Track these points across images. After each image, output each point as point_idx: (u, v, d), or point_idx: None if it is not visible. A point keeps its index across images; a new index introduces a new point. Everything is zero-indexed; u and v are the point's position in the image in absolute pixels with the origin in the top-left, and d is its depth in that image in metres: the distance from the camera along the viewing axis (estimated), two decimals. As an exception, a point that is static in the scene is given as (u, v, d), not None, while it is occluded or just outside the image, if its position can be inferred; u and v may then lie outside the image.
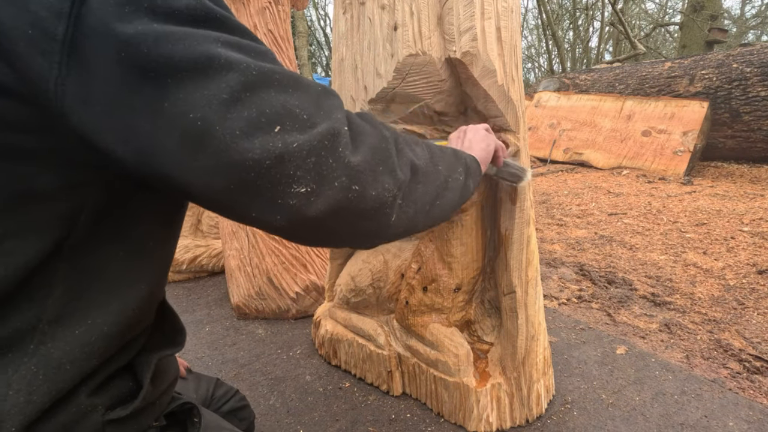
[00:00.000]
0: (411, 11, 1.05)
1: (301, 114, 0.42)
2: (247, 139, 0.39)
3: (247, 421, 0.99)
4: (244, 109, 0.39)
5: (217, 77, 0.38)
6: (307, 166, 0.42)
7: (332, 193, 0.44)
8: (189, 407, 0.65)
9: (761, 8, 17.65)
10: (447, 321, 1.35)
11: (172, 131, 0.38)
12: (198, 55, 0.37)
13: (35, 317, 0.42)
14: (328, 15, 23.54)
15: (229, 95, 0.38)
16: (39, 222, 0.41)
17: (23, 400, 0.41)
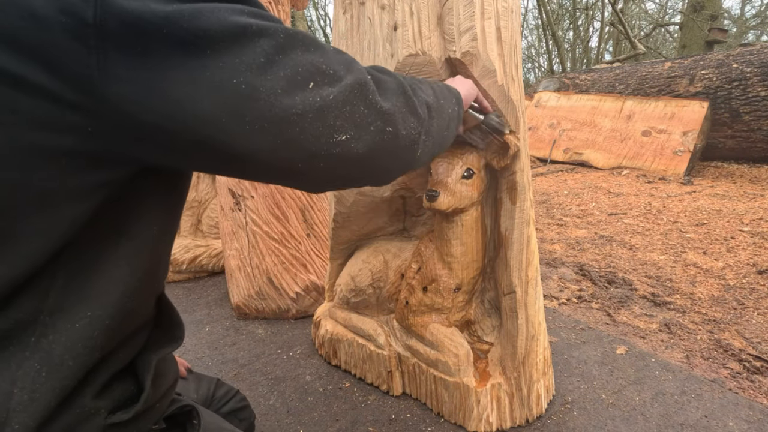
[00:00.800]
0: (411, 11, 1.05)
1: (328, 69, 0.46)
2: (288, 96, 0.42)
3: (247, 422, 1.00)
4: (280, 69, 0.42)
5: (251, 44, 0.41)
6: (344, 115, 0.46)
7: (370, 137, 0.49)
8: (188, 409, 0.65)
9: (761, 8, 17.65)
10: (447, 321, 1.35)
11: (218, 98, 0.40)
12: (233, 26, 0.40)
13: (36, 309, 0.42)
14: (328, 15, 23.54)
15: (265, 59, 0.41)
16: (53, 221, 0.41)
17: (27, 398, 0.41)
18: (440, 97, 0.68)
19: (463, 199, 1.19)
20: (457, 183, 1.18)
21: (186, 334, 1.88)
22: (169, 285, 2.47)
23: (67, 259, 0.44)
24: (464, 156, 1.18)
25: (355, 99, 0.47)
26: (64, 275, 0.44)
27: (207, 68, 0.39)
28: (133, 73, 0.37)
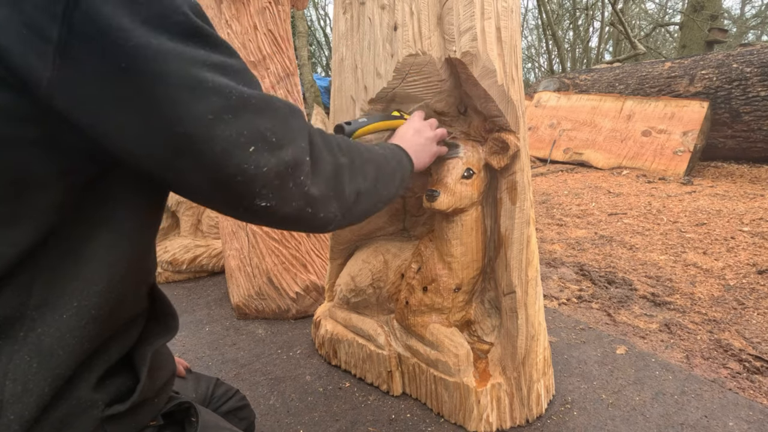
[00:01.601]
0: (411, 11, 1.05)
1: (272, 137, 0.48)
2: (226, 155, 0.44)
3: (247, 421, 0.99)
4: (226, 129, 0.44)
5: (204, 99, 0.43)
6: (271, 186, 0.49)
7: (288, 210, 0.52)
8: (186, 406, 0.65)
9: (761, 8, 17.65)
10: (447, 321, 1.35)
11: (158, 138, 0.42)
12: (189, 78, 0.42)
13: (22, 303, 0.43)
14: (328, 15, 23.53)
15: (213, 116, 0.43)
16: (32, 209, 0.42)
17: (20, 389, 0.42)
18: (380, 180, 0.70)
19: (463, 199, 1.19)
20: (457, 183, 1.18)
21: (186, 334, 1.88)
22: (169, 285, 2.47)
23: (47, 252, 0.45)
24: (464, 156, 1.18)
25: (287, 176, 0.50)
26: (45, 268, 0.45)
27: (157, 109, 0.41)
28: (85, 95, 0.39)
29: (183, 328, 1.94)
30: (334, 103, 1.32)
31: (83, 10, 0.37)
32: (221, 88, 0.44)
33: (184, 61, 0.41)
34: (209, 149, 0.43)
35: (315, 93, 11.41)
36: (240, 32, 1.80)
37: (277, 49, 1.88)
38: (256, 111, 0.47)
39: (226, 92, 0.44)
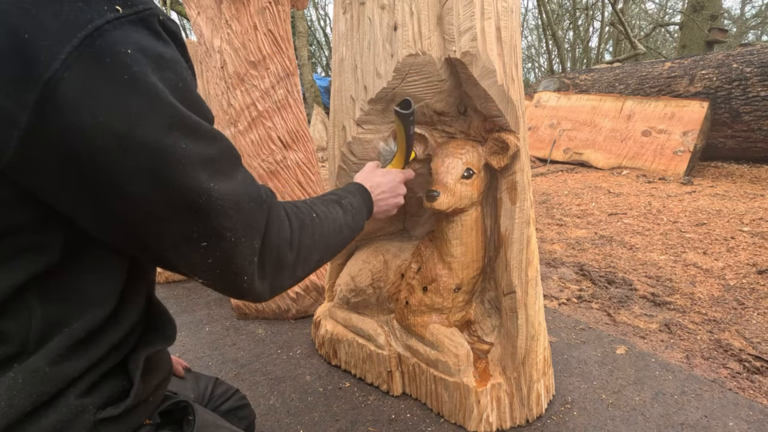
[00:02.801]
0: (411, 11, 1.05)
1: (230, 237, 0.49)
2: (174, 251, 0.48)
3: (247, 420, 1.00)
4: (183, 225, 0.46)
5: (208, 215, 0.46)
6: (213, 276, 0.51)
7: (226, 292, 0.55)
8: (184, 405, 0.65)
9: (761, 8, 17.64)
10: (447, 321, 1.35)
11: (108, 226, 0.44)
12: (189, 187, 0.43)
13: (23, 341, 0.44)
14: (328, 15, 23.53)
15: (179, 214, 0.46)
16: (22, 251, 0.43)
17: (5, 404, 0.42)
18: (327, 252, 0.71)
19: (463, 199, 1.19)
20: (457, 183, 1.18)
21: (186, 334, 1.88)
22: (169, 285, 2.47)
23: (43, 290, 0.45)
24: (464, 156, 1.18)
25: (231, 275, 0.52)
26: (41, 306, 0.45)
27: (114, 203, 0.42)
28: (46, 178, 0.40)
29: (183, 328, 1.94)
30: (334, 103, 1.32)
31: (59, 104, 0.36)
32: (194, 190, 0.44)
33: (161, 160, 0.41)
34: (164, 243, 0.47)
35: (315, 93, 11.40)
36: (240, 32, 1.80)
37: (277, 49, 1.88)
38: (222, 214, 0.47)
39: (199, 194, 0.44)
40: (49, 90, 0.35)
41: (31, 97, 0.35)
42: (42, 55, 0.35)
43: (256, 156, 1.89)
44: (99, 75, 0.36)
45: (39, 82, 0.35)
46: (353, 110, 1.22)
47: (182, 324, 1.97)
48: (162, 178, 0.41)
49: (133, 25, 0.38)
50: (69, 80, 0.36)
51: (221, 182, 0.47)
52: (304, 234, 0.62)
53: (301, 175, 1.96)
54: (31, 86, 0.35)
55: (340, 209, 0.76)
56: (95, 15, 0.36)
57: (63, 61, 0.35)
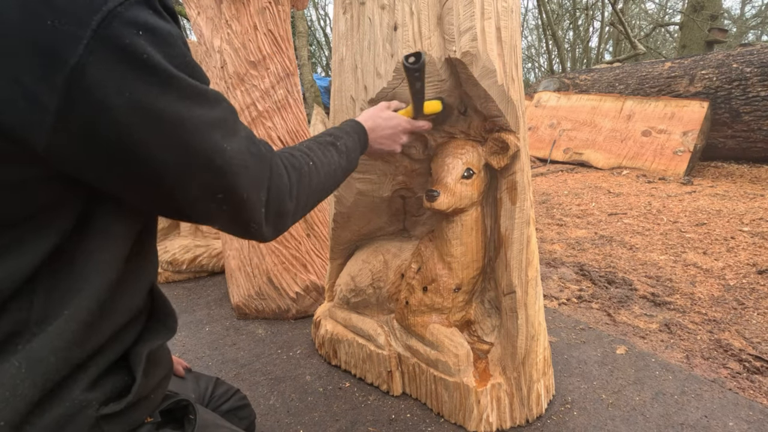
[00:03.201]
0: (411, 11, 1.05)
1: (241, 191, 0.54)
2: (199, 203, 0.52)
3: (247, 420, 1.00)
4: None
5: (240, 175, 0.52)
6: (227, 224, 0.58)
7: (237, 235, 0.61)
8: (185, 404, 0.65)
9: (761, 8, 17.64)
10: (447, 321, 1.35)
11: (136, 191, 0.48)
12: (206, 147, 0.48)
13: (24, 321, 0.45)
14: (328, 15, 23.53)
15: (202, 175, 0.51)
16: (37, 234, 0.44)
17: (9, 394, 0.42)
18: (324, 191, 0.76)
19: (463, 199, 1.19)
20: (457, 183, 1.18)
21: (186, 334, 1.88)
22: (169, 285, 2.47)
23: (46, 269, 0.46)
24: (464, 156, 1.18)
25: (242, 224, 0.58)
26: (43, 287, 0.46)
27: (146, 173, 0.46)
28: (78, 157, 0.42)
29: (183, 328, 1.94)
30: (334, 103, 1.32)
31: (86, 84, 0.38)
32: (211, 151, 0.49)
33: (182, 129, 0.45)
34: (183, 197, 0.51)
35: (315, 93, 11.40)
36: (240, 32, 1.80)
37: (277, 49, 1.88)
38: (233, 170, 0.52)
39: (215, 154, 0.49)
40: (77, 73, 0.38)
41: (59, 79, 0.37)
42: (66, 40, 0.37)
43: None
44: (119, 58, 0.39)
45: (66, 65, 0.37)
46: (353, 110, 1.22)
47: (182, 324, 1.97)
48: (184, 144, 0.46)
49: (140, 6, 0.41)
50: (94, 63, 0.38)
51: (231, 141, 0.51)
52: (302, 183, 0.67)
53: (301, 175, 1.96)
54: (60, 69, 0.37)
55: (335, 152, 0.79)
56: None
57: (86, 46, 0.37)
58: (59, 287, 0.47)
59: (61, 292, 0.47)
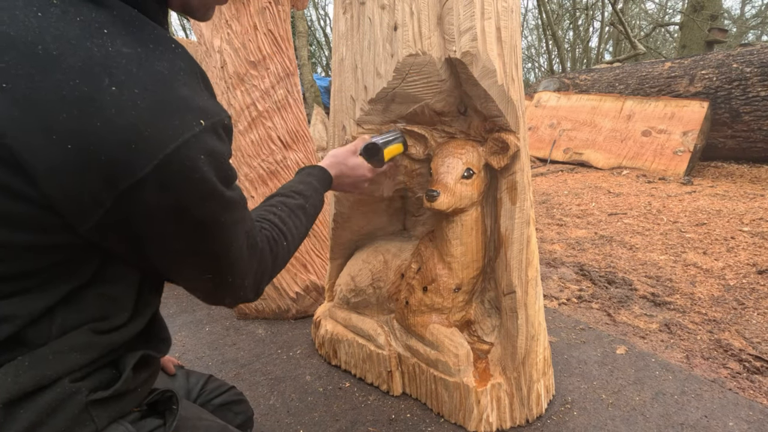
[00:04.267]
0: (411, 11, 1.05)
1: (230, 278, 0.63)
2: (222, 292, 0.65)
3: (243, 416, 0.99)
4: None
5: (237, 266, 0.62)
6: (210, 297, 0.66)
7: (217, 304, 0.69)
8: (169, 395, 0.68)
9: (761, 8, 17.64)
10: (447, 321, 1.35)
11: (152, 264, 0.56)
12: (227, 242, 0.57)
13: (40, 339, 0.51)
14: (328, 15, 23.53)
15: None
16: (60, 281, 0.52)
17: (11, 380, 0.48)
18: (291, 246, 0.82)
19: (463, 199, 1.19)
20: (457, 183, 1.18)
21: (186, 334, 1.88)
22: (169, 285, 2.47)
23: (65, 302, 0.52)
24: (464, 156, 1.19)
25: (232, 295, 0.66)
26: (60, 314, 0.52)
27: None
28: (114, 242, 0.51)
29: (183, 328, 1.94)
30: (334, 103, 1.32)
31: (142, 192, 0.45)
32: (225, 245, 0.58)
33: (211, 231, 0.55)
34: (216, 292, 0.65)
35: (315, 93, 11.40)
36: (240, 32, 1.80)
37: (277, 49, 1.88)
38: (231, 260, 0.61)
39: (226, 248, 0.59)
40: (139, 185, 0.45)
41: (122, 184, 0.44)
42: (140, 159, 0.44)
43: (256, 156, 1.89)
44: (180, 176, 0.47)
45: (133, 178, 0.44)
46: (353, 110, 1.22)
47: (182, 324, 1.98)
48: (210, 239, 0.55)
49: (207, 133, 0.49)
50: (155, 180, 0.45)
51: (237, 239, 0.60)
52: (278, 258, 0.75)
53: (301, 175, 1.96)
54: (125, 180, 0.44)
55: (304, 217, 0.87)
56: (186, 129, 0.46)
57: (156, 165, 0.44)
58: (72, 317, 0.53)
59: (73, 321, 0.53)
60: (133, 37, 0.46)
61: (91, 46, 0.42)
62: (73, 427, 0.52)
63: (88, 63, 0.42)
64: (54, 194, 0.43)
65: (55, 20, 0.42)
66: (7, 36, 0.40)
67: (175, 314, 2.08)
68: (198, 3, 0.60)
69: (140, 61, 0.45)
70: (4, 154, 0.41)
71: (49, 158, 0.41)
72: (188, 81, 0.49)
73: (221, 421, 0.75)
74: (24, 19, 0.41)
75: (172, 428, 0.63)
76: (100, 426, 0.54)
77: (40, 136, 0.41)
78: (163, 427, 0.63)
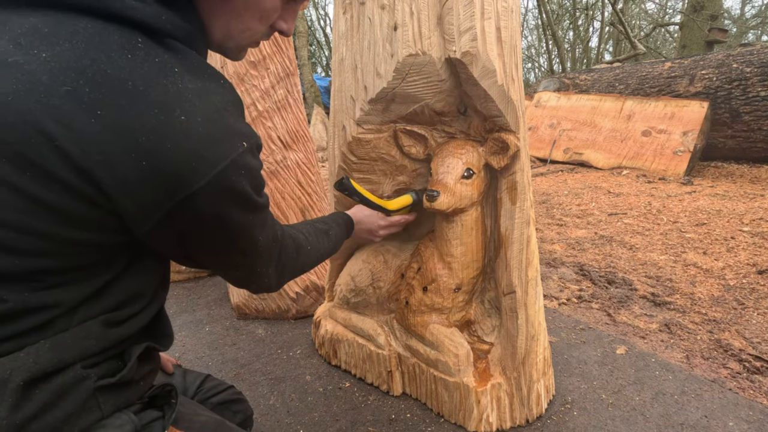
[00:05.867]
0: (411, 11, 1.05)
1: (258, 267, 0.74)
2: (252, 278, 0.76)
3: (242, 415, 1.00)
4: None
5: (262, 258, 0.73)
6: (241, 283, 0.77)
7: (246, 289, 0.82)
8: (169, 389, 0.71)
9: (761, 8, 17.65)
10: (447, 321, 1.35)
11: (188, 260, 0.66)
12: (247, 241, 0.67)
13: (64, 327, 0.56)
14: (328, 15, 23.53)
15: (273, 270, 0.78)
16: (93, 277, 0.58)
17: (32, 360, 0.52)
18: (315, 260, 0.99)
19: (463, 199, 1.19)
20: (457, 183, 1.18)
21: (186, 334, 1.88)
22: (169, 285, 2.47)
23: (92, 296, 0.58)
24: (464, 156, 1.19)
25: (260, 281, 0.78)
26: (86, 305, 0.57)
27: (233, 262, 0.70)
28: (165, 247, 0.61)
29: (183, 328, 1.94)
30: (334, 103, 1.32)
31: (195, 201, 0.54)
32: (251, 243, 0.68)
33: (243, 232, 0.64)
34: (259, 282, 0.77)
35: (315, 93, 11.40)
36: (240, 32, 1.80)
37: (277, 49, 1.88)
38: (267, 259, 0.74)
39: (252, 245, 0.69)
40: (194, 195, 0.53)
41: (180, 196, 0.53)
42: (197, 175, 0.53)
43: (256, 156, 1.89)
44: (224, 188, 0.56)
45: (191, 189, 0.53)
46: (353, 110, 1.22)
47: (182, 324, 1.98)
48: (239, 238, 0.65)
49: (247, 153, 0.58)
50: (207, 190, 0.54)
51: (263, 235, 0.69)
52: (301, 255, 0.88)
53: (301, 175, 1.96)
54: (184, 190, 0.53)
55: (327, 240, 1.03)
56: (233, 151, 0.56)
57: (208, 181, 0.54)
58: (96, 308, 0.58)
59: (95, 311, 0.58)
60: (194, 75, 0.56)
61: (166, 83, 0.52)
62: (81, 412, 0.56)
63: (164, 97, 0.51)
64: (123, 203, 0.51)
65: (140, 61, 0.51)
66: (105, 73, 0.49)
67: (175, 314, 2.07)
68: (233, 46, 0.69)
69: (200, 95, 0.54)
70: (88, 173, 0.49)
71: (125, 175, 0.50)
72: (234, 111, 0.59)
73: (218, 416, 0.76)
74: (118, 60, 0.50)
75: (171, 420, 0.66)
76: (106, 413, 0.59)
77: (122, 156, 0.49)
78: (162, 419, 0.66)
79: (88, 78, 0.48)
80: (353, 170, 1.31)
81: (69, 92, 0.48)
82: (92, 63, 0.49)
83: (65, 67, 0.48)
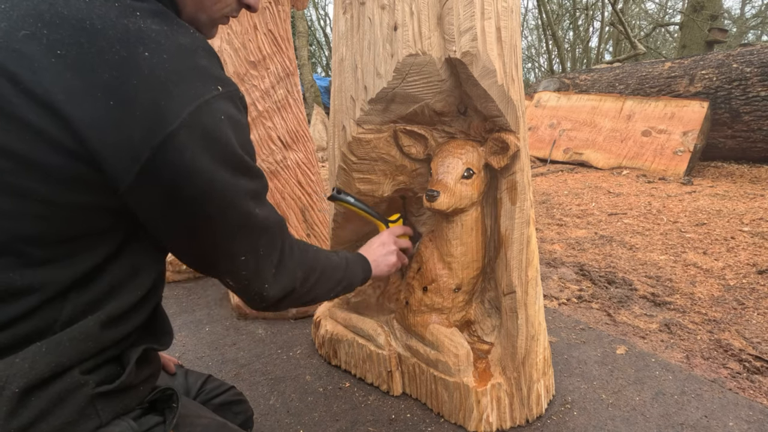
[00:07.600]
0: (411, 11, 1.05)
1: (260, 250, 0.68)
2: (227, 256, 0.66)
3: (243, 416, 1.00)
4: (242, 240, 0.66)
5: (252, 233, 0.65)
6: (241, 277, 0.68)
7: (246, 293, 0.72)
8: (170, 393, 0.69)
9: (761, 8, 17.65)
10: (447, 321, 1.35)
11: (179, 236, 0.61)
12: (243, 211, 0.61)
13: (53, 320, 0.54)
14: (328, 15, 23.54)
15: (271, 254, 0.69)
16: (81, 255, 0.56)
17: (27, 366, 0.50)
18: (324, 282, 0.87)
19: (463, 199, 1.19)
20: (457, 183, 1.18)
21: (186, 334, 1.88)
22: (169, 285, 2.47)
23: (80, 282, 0.56)
24: (464, 156, 1.19)
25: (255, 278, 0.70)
26: (75, 295, 0.56)
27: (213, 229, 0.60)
28: (150, 203, 0.55)
29: (183, 328, 1.94)
30: (334, 103, 1.32)
31: (173, 146, 0.51)
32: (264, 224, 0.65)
33: (239, 194, 0.59)
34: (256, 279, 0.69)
35: (315, 93, 11.40)
36: (240, 32, 1.80)
37: (277, 49, 1.88)
38: (269, 234, 0.68)
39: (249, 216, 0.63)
40: (170, 137, 0.50)
41: (156, 140, 0.50)
42: (169, 114, 0.50)
43: (256, 156, 1.89)
44: (203, 132, 0.53)
45: (165, 131, 0.50)
46: (353, 110, 1.22)
47: (182, 324, 1.98)
48: (229, 204, 0.59)
49: (225, 99, 0.55)
50: (184, 132, 0.51)
51: (260, 209, 0.64)
52: (305, 260, 0.79)
53: (301, 175, 1.96)
54: (158, 133, 0.50)
55: (337, 271, 0.92)
56: (206, 91, 0.53)
57: (183, 120, 0.51)
58: (85, 300, 0.56)
59: (87, 305, 0.56)
60: (160, 19, 0.54)
61: (127, 23, 0.51)
62: (78, 419, 0.54)
63: (126, 34, 0.50)
64: (97, 148, 0.49)
65: (99, 5, 0.51)
66: (62, 15, 0.49)
67: (175, 314, 2.07)
68: (206, 19, 0.67)
69: (167, 35, 0.52)
70: (54, 111, 0.47)
71: (93, 113, 0.48)
72: (207, 56, 0.56)
73: (221, 418, 0.76)
74: (75, 3, 0.50)
75: (172, 425, 0.64)
76: (104, 420, 0.57)
77: (87, 93, 0.48)
78: (163, 424, 0.64)
79: (45, 21, 0.49)
80: (353, 170, 1.31)
81: (27, 36, 0.48)
82: (50, 7, 0.49)
83: (23, 14, 0.49)
